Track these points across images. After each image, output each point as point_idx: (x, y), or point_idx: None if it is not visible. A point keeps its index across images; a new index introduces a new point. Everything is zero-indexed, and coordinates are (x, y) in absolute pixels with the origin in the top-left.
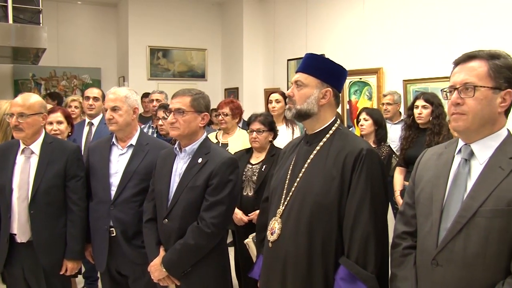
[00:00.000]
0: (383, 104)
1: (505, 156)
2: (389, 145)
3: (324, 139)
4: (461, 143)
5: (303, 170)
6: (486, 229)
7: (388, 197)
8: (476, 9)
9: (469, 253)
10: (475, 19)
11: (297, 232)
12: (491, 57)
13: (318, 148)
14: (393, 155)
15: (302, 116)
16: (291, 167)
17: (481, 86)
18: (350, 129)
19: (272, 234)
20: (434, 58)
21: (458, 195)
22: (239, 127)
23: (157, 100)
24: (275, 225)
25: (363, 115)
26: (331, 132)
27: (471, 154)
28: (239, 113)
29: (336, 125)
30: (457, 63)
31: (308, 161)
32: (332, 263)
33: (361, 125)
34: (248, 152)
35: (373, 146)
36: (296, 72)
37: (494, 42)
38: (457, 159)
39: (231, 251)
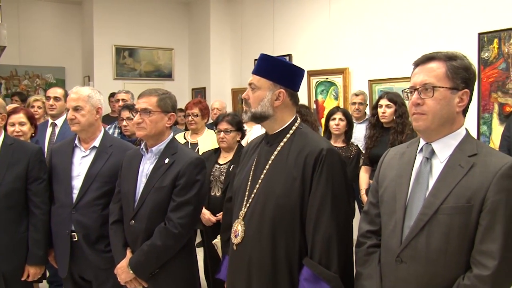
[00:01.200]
0: (354, 103)
1: (464, 154)
2: (357, 144)
3: (285, 139)
4: (422, 142)
5: (264, 171)
6: (447, 226)
7: (349, 196)
8: (436, 12)
9: (431, 250)
10: (436, 21)
11: (260, 235)
12: (449, 58)
13: (278, 148)
14: (361, 154)
15: (258, 118)
16: (252, 168)
17: (439, 87)
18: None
19: (236, 236)
20: (398, 58)
21: (420, 193)
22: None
23: (123, 100)
24: (238, 228)
25: (339, 115)
26: (291, 132)
27: (432, 152)
28: (207, 113)
29: (296, 124)
30: (417, 64)
31: (270, 162)
32: (296, 264)
33: (337, 125)
34: (216, 152)
35: (343, 145)
36: (252, 74)
37: (452, 43)
38: (419, 158)
39: (200, 251)
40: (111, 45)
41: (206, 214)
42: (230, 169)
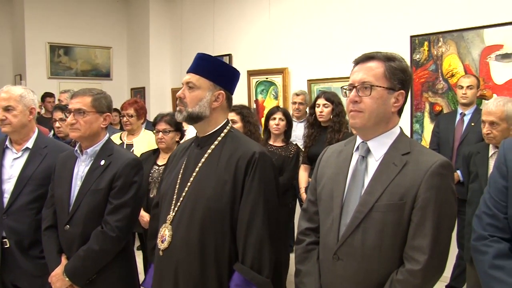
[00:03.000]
0: (294, 103)
1: (398, 153)
2: (296, 143)
3: (216, 142)
4: (359, 140)
5: (194, 174)
6: (381, 223)
7: (280, 199)
8: (372, 15)
9: (367, 246)
10: (371, 24)
11: (189, 239)
12: (388, 59)
13: (209, 151)
14: (301, 153)
15: (193, 119)
16: (181, 171)
17: (377, 86)
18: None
19: (162, 242)
20: (336, 59)
21: (356, 191)
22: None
23: (59, 101)
24: (165, 233)
25: (279, 115)
26: (222, 134)
27: (368, 151)
28: (143, 114)
29: (227, 127)
30: (357, 62)
31: (200, 164)
32: (226, 270)
33: (277, 125)
34: (155, 153)
35: (282, 145)
36: (188, 72)
37: (386, 45)
38: (355, 156)
39: (140, 255)
40: (44, 42)
41: (145, 216)
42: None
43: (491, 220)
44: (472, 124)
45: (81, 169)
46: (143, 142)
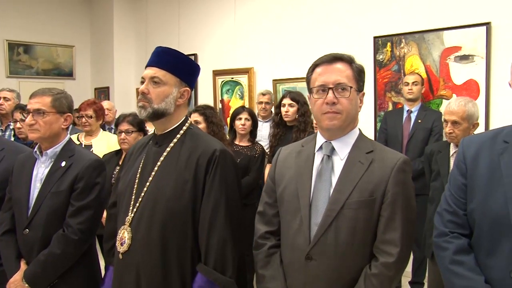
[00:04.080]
0: (261, 102)
1: (362, 151)
2: (261, 143)
3: (175, 140)
4: (320, 140)
5: (153, 173)
6: (353, 220)
7: (241, 198)
8: (336, 15)
9: (339, 244)
10: (336, 24)
11: (149, 241)
12: (351, 60)
13: (168, 149)
14: (266, 152)
15: (157, 116)
16: (139, 170)
17: (351, 87)
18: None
19: (121, 244)
20: (301, 59)
21: (324, 190)
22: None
23: (4, 98)
24: (124, 235)
25: (245, 115)
26: (181, 132)
27: (333, 150)
28: (102, 115)
29: (187, 124)
30: (321, 63)
31: (158, 163)
32: (189, 271)
33: (243, 125)
34: (118, 154)
35: (248, 144)
36: (149, 66)
37: (350, 46)
38: (318, 156)
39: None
40: (2, 39)
41: None
42: None
43: (452, 217)
44: (419, 121)
45: (41, 171)
46: (102, 143)
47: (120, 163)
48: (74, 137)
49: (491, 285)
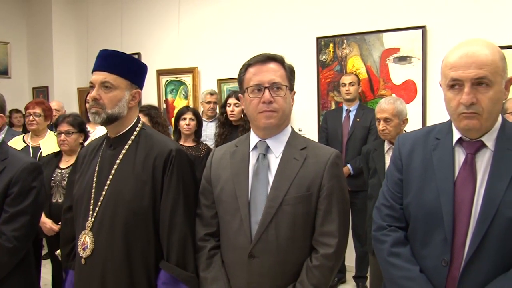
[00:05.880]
0: (209, 102)
1: (296, 148)
2: (206, 143)
3: (129, 142)
4: (254, 139)
5: (110, 176)
6: (292, 215)
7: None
8: (280, 16)
9: (280, 240)
10: (279, 25)
11: (113, 244)
12: (283, 60)
13: (124, 151)
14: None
15: (111, 120)
16: (96, 174)
17: (285, 86)
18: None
19: (84, 249)
20: (245, 59)
21: (262, 188)
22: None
23: None
24: (86, 240)
25: (189, 115)
26: (135, 133)
27: (267, 148)
28: (50, 115)
29: (139, 125)
30: (254, 63)
31: (115, 166)
32: (153, 269)
33: (187, 125)
34: (57, 155)
35: (193, 145)
36: (97, 70)
37: (294, 46)
38: (253, 155)
39: (48, 263)
40: None
41: (47, 223)
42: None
43: (389, 211)
44: (358, 119)
45: None
46: (51, 144)
47: (60, 165)
48: (19, 139)
49: (425, 273)
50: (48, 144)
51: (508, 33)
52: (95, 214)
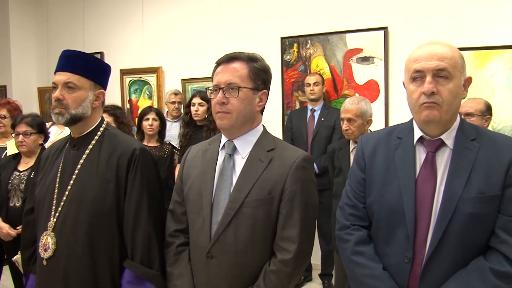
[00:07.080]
0: (173, 102)
1: (263, 149)
2: (170, 142)
3: (93, 142)
4: (224, 139)
5: (73, 176)
6: (252, 218)
7: (163, 193)
8: (244, 16)
9: (239, 242)
10: (244, 25)
11: (76, 244)
12: (250, 59)
13: (87, 151)
14: (175, 152)
15: (75, 121)
16: (59, 175)
17: (243, 87)
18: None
19: (45, 250)
20: (210, 59)
21: (225, 188)
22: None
23: None
24: (48, 240)
25: (152, 115)
26: (99, 133)
27: (234, 149)
28: (17, 115)
29: (103, 125)
30: (220, 63)
31: (78, 166)
32: (118, 269)
33: (150, 125)
34: (16, 157)
35: (156, 145)
36: (60, 70)
37: (258, 46)
38: (222, 155)
39: (7, 269)
40: None
41: (4, 227)
42: (32, 176)
43: (352, 210)
44: (322, 119)
45: None
46: None
47: (18, 167)
48: None
49: (389, 271)
50: (15, 144)
51: (466, 35)
52: (57, 214)
